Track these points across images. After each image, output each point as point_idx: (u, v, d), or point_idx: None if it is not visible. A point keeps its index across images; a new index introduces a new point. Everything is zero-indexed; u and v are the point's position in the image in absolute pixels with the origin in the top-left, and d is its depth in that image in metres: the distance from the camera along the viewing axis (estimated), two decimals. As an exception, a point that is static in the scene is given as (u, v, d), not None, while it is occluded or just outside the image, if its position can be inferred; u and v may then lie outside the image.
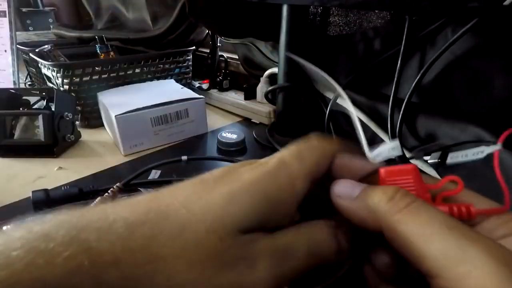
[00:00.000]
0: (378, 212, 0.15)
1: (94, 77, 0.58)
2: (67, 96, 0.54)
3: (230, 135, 0.52)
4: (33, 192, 0.36)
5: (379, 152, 0.18)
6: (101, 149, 0.53)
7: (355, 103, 0.47)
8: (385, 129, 0.43)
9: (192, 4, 0.54)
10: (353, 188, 0.17)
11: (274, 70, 0.57)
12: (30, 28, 1.27)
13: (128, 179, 0.38)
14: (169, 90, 0.58)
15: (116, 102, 0.52)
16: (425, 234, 0.13)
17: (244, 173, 0.16)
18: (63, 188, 0.38)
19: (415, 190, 0.16)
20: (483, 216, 0.15)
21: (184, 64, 0.69)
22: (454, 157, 0.18)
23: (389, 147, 0.18)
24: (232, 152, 0.50)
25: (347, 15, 0.49)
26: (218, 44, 0.76)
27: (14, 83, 0.70)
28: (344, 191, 0.17)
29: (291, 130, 0.53)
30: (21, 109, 0.51)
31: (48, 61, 0.58)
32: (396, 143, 0.18)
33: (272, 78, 0.59)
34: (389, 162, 0.18)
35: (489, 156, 0.17)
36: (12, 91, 0.52)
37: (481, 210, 0.16)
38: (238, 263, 0.14)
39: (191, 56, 0.70)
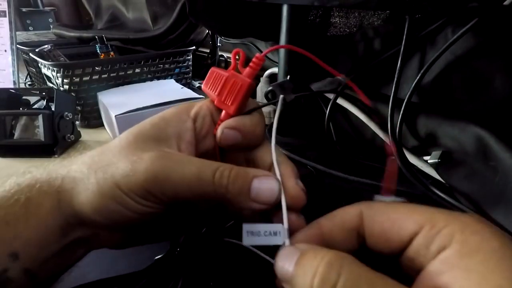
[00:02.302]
0: None
1: (94, 77, 0.58)
2: (67, 96, 0.54)
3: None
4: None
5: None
6: (101, 149, 0.52)
7: (355, 103, 0.47)
8: (385, 129, 0.43)
9: (192, 4, 0.54)
10: (285, 270, 0.16)
11: (274, 70, 0.57)
12: (30, 28, 1.27)
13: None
14: (169, 90, 0.58)
15: (116, 102, 0.52)
16: None
17: None
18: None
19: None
20: (413, 232, 0.15)
21: (184, 64, 0.69)
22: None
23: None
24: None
25: (347, 15, 0.49)
26: (218, 44, 0.76)
27: (14, 83, 0.70)
28: (281, 269, 0.16)
29: (291, 130, 0.53)
30: (21, 109, 0.51)
31: (48, 61, 0.58)
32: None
33: (272, 78, 0.59)
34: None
35: (489, 156, 0.17)
36: (12, 91, 0.52)
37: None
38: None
39: (191, 56, 0.70)
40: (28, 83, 0.79)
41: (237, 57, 0.21)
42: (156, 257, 0.27)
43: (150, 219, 0.19)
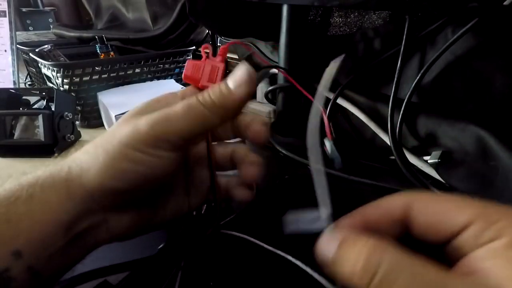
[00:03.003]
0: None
1: (94, 77, 0.58)
2: (67, 96, 0.54)
3: (234, 139, 0.51)
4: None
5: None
6: (101, 149, 0.53)
7: (355, 103, 0.47)
8: (385, 129, 0.43)
9: (192, 4, 0.54)
10: (329, 250, 0.16)
11: (274, 70, 0.57)
12: (30, 28, 1.27)
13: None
14: (169, 90, 0.57)
15: (116, 102, 0.52)
16: None
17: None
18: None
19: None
20: (464, 225, 0.15)
21: (184, 64, 0.69)
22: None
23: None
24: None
25: (347, 15, 0.49)
26: (218, 44, 0.76)
27: (14, 83, 0.70)
28: (323, 251, 0.16)
29: (291, 130, 0.53)
30: (21, 109, 0.51)
31: (48, 61, 0.58)
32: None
33: (272, 78, 0.59)
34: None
35: (489, 156, 0.17)
36: (12, 91, 0.52)
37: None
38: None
39: (191, 56, 0.70)
40: (28, 83, 0.79)
41: (206, 51, 0.27)
42: (159, 247, 0.28)
43: (162, 175, 0.21)
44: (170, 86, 0.61)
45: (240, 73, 0.22)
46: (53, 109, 0.49)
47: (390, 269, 0.13)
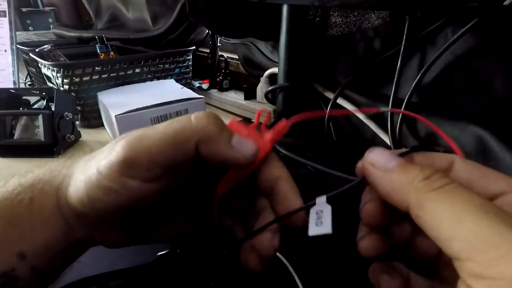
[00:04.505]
0: (410, 188, 0.15)
1: (94, 77, 0.58)
2: (67, 96, 0.54)
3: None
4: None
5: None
6: (101, 149, 0.53)
7: (355, 103, 0.47)
8: (385, 129, 0.43)
9: (192, 4, 0.54)
10: (389, 159, 0.16)
11: (274, 70, 0.57)
12: (30, 28, 1.27)
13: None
14: (169, 90, 0.58)
15: (116, 102, 0.52)
16: (458, 214, 0.13)
17: None
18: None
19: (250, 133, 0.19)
20: (501, 191, 0.15)
21: (184, 64, 0.69)
22: None
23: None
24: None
25: (347, 15, 0.49)
26: (218, 44, 0.76)
27: (14, 83, 0.70)
28: (380, 160, 0.17)
29: (291, 130, 0.53)
30: (21, 109, 0.51)
31: (48, 61, 0.58)
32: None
33: (272, 78, 0.59)
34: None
35: (489, 156, 0.17)
36: (12, 91, 0.52)
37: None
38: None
39: (191, 56, 0.70)
40: (28, 83, 0.79)
41: (261, 116, 0.21)
42: (159, 253, 0.28)
43: (141, 205, 0.18)
44: (170, 86, 0.61)
45: (249, 146, 0.18)
46: (53, 109, 0.49)
47: (458, 189, 0.14)
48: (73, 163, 0.21)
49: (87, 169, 0.18)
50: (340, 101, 0.48)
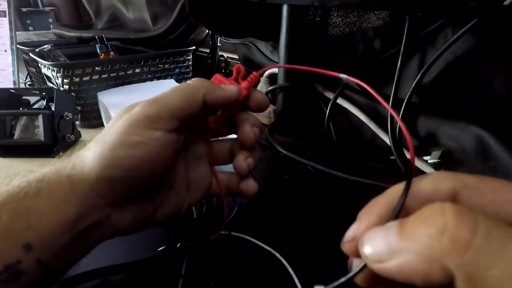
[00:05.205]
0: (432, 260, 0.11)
1: (94, 77, 0.58)
2: (67, 96, 0.54)
3: (230, 135, 0.51)
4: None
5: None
6: (101, 149, 0.53)
7: (355, 103, 0.47)
8: (385, 129, 0.43)
9: (192, 4, 0.54)
10: (385, 237, 0.13)
11: (274, 70, 0.57)
12: (30, 28, 1.27)
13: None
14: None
15: (116, 102, 0.52)
16: None
17: None
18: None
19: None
20: None
21: (184, 64, 0.69)
22: None
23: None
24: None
25: (347, 15, 0.49)
26: (218, 44, 0.76)
27: (14, 83, 0.70)
28: (377, 249, 0.13)
29: (291, 130, 0.53)
30: (21, 109, 0.51)
31: (48, 61, 0.58)
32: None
33: (272, 78, 0.59)
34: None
35: (489, 156, 0.17)
36: (12, 91, 0.52)
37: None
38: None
39: (191, 56, 0.70)
40: (28, 83, 0.79)
41: (238, 70, 0.26)
42: (159, 249, 0.28)
43: (159, 160, 0.21)
44: (170, 86, 0.60)
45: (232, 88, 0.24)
46: (53, 109, 0.49)
47: (489, 235, 0.10)
48: (77, 153, 0.22)
49: (105, 141, 0.20)
50: (340, 101, 0.48)
